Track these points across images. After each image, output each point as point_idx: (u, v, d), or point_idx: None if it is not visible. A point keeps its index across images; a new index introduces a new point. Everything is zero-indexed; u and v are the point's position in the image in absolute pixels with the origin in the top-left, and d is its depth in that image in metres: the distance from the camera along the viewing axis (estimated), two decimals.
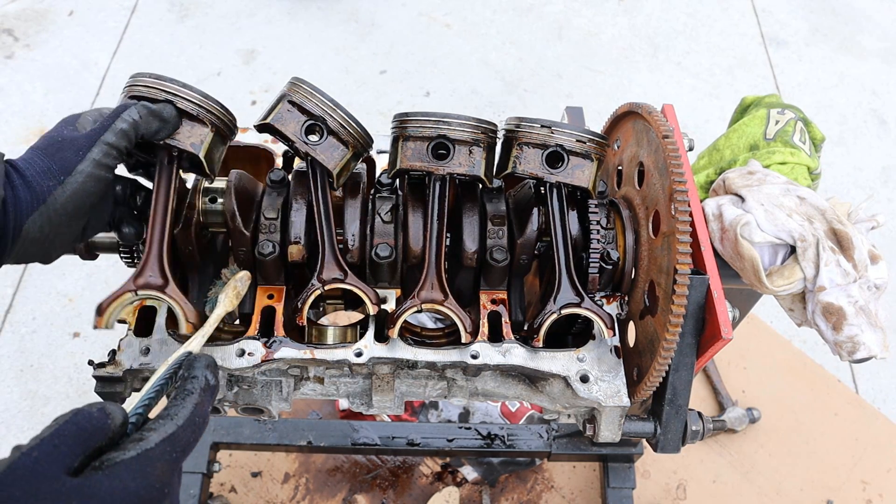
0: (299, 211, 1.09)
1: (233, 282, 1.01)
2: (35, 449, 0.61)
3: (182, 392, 0.74)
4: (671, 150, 1.01)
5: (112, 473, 0.62)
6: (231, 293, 0.99)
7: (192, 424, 0.71)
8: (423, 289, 1.04)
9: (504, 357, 1.06)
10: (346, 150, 1.05)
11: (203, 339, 0.90)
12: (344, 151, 1.05)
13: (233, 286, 1.00)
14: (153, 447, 0.66)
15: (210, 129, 1.01)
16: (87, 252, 1.19)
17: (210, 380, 0.78)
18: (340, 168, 1.05)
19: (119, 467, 0.63)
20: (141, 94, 0.99)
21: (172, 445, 0.68)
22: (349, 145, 1.05)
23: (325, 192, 1.07)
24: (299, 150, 1.04)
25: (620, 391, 1.06)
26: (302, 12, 3.71)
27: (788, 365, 2.40)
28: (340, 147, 1.05)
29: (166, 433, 0.68)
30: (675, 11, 3.85)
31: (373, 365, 1.08)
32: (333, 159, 1.05)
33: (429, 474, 2.15)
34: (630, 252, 1.12)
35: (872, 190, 3.16)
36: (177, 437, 0.69)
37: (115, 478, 0.62)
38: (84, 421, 0.64)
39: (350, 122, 1.04)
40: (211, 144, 1.01)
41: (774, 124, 1.37)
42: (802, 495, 2.16)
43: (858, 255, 1.10)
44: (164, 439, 0.67)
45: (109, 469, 0.63)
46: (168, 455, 0.67)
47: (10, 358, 2.49)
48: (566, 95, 3.45)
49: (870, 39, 3.76)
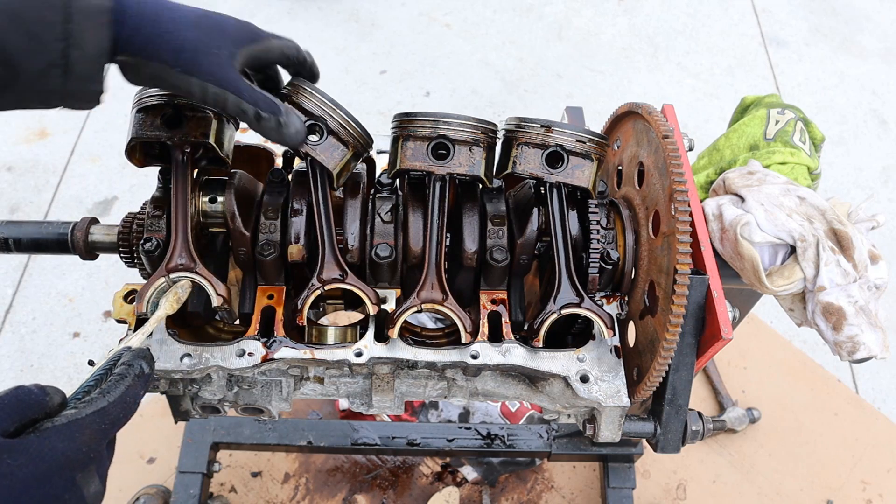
0: (299, 211, 1.09)
1: (174, 288, 1.04)
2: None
3: (117, 376, 0.81)
4: (671, 150, 1.01)
5: (43, 436, 0.69)
6: (172, 298, 1.03)
7: (123, 402, 0.78)
8: (423, 289, 1.04)
9: (504, 357, 1.06)
10: (346, 150, 1.05)
11: (143, 337, 0.94)
12: (344, 151, 1.05)
13: (174, 292, 1.04)
14: (83, 417, 0.73)
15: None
16: (87, 252, 1.19)
17: (144, 368, 0.84)
18: (340, 168, 1.06)
19: (50, 431, 0.70)
20: None
21: (102, 417, 0.74)
22: (349, 145, 1.05)
23: (325, 192, 1.07)
24: (299, 151, 1.05)
25: (620, 391, 1.06)
26: (302, 12, 3.71)
27: (788, 365, 2.40)
28: (340, 147, 1.05)
29: (97, 407, 0.75)
30: (675, 11, 3.85)
31: (373, 365, 1.08)
32: (333, 159, 1.05)
33: (429, 474, 2.15)
34: (630, 252, 1.12)
35: (872, 190, 3.16)
36: (107, 411, 0.75)
37: (46, 439, 0.69)
38: (23, 394, 0.71)
39: (350, 122, 1.04)
40: (218, 129, 1.07)
41: (774, 124, 1.37)
42: (802, 495, 2.16)
43: (858, 255, 1.10)
44: (95, 412, 0.74)
45: (41, 432, 0.69)
46: (97, 425, 0.74)
47: (10, 358, 2.49)
48: (566, 95, 3.45)
49: (870, 39, 3.76)
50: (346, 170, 1.07)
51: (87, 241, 1.18)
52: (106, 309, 2.61)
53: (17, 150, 3.05)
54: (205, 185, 1.13)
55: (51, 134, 3.11)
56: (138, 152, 1.09)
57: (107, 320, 2.59)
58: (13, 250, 1.20)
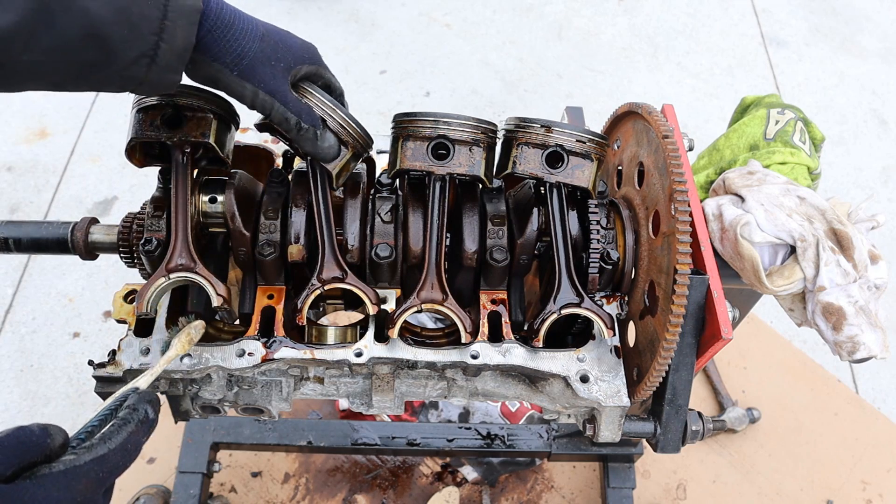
0: (299, 211, 1.09)
1: (188, 328, 1.04)
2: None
3: (120, 421, 0.80)
4: (671, 150, 1.01)
5: (39, 483, 0.68)
6: (184, 338, 1.03)
7: (124, 450, 0.77)
8: (423, 289, 1.04)
9: (504, 357, 1.06)
10: (345, 151, 1.05)
11: (151, 378, 0.93)
12: (344, 152, 1.05)
13: (187, 332, 1.04)
14: (82, 464, 0.71)
15: None
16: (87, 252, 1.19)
17: (150, 414, 0.84)
18: (340, 168, 1.06)
19: (47, 478, 0.68)
20: None
21: (101, 465, 0.73)
22: (349, 145, 1.05)
23: (325, 192, 1.07)
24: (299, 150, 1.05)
25: (620, 391, 1.06)
26: (302, 12, 3.71)
27: (788, 365, 2.40)
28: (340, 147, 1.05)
29: (97, 454, 0.73)
30: (675, 11, 3.85)
31: (373, 365, 1.08)
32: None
33: (429, 474, 2.15)
34: (630, 252, 1.12)
35: (872, 190, 3.16)
36: (106, 458, 0.74)
37: (41, 487, 0.68)
38: (24, 436, 0.70)
39: (350, 123, 1.04)
40: (218, 129, 1.08)
41: (774, 124, 1.37)
42: (802, 495, 2.16)
43: (858, 255, 1.10)
44: (94, 459, 0.73)
45: (38, 479, 0.68)
46: (95, 473, 0.72)
47: (10, 358, 2.49)
48: (566, 95, 3.45)
49: (870, 39, 3.76)
50: (345, 170, 1.07)
51: (87, 241, 1.18)
52: (106, 309, 2.61)
53: (17, 150, 3.05)
54: (205, 185, 1.13)
55: (51, 134, 3.11)
56: (138, 152, 1.09)
57: (107, 320, 2.59)
58: (13, 250, 1.20)
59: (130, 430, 0.80)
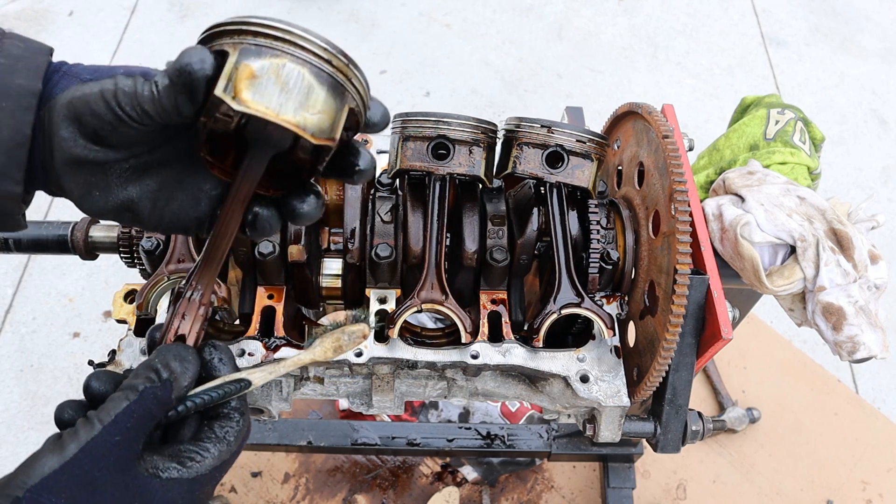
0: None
1: (340, 331, 0.84)
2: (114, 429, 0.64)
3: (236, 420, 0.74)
4: (671, 150, 1.01)
5: (167, 486, 0.67)
6: (330, 343, 0.84)
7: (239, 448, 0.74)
8: (423, 289, 1.04)
9: (504, 357, 1.06)
10: None
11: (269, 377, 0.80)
12: None
13: (337, 336, 0.84)
14: (206, 473, 0.70)
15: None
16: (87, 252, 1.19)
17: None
18: None
19: (174, 484, 0.67)
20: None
21: (221, 471, 0.72)
22: None
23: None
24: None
25: (620, 391, 1.06)
26: (302, 12, 3.71)
27: (788, 365, 2.40)
28: None
29: (220, 460, 0.71)
30: (675, 11, 3.85)
31: (373, 365, 1.08)
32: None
33: (429, 474, 2.15)
34: (630, 252, 1.12)
35: (872, 190, 3.16)
36: (227, 463, 0.73)
37: (169, 491, 0.67)
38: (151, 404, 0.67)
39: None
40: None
41: (774, 124, 1.37)
42: (802, 495, 2.16)
43: (858, 255, 1.10)
44: (217, 467, 0.71)
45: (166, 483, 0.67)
46: (215, 479, 0.72)
47: (10, 358, 2.49)
48: (566, 95, 3.45)
49: (870, 39, 3.76)
50: None
51: (87, 241, 1.18)
52: (106, 309, 2.61)
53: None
54: None
55: None
56: None
57: (107, 320, 2.59)
58: (13, 250, 1.20)
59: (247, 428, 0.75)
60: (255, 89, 0.64)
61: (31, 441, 2.31)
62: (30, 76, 0.67)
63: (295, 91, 0.66)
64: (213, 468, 0.70)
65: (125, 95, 0.66)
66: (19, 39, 0.70)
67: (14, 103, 0.66)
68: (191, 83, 0.64)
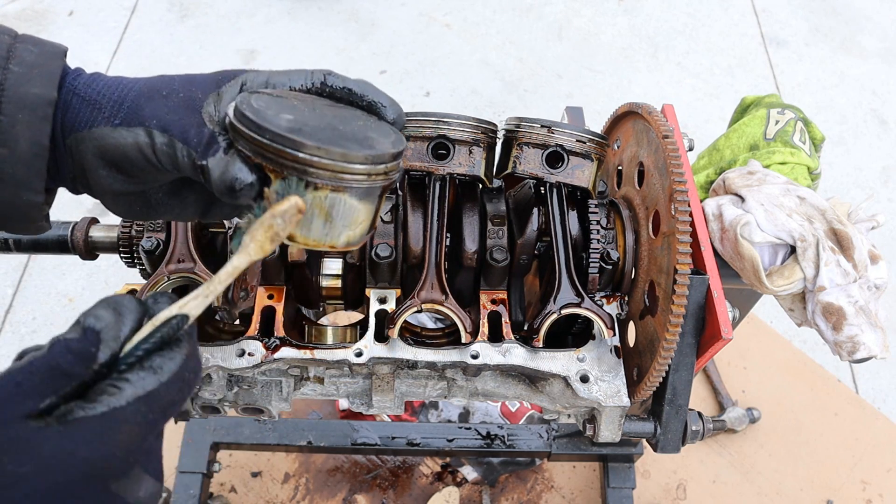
0: None
1: (269, 216, 0.65)
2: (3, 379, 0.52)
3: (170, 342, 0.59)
4: (671, 150, 1.01)
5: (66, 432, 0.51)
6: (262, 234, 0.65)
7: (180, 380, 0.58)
8: (423, 289, 1.04)
9: (504, 357, 1.06)
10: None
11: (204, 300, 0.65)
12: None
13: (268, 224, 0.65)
14: (124, 405, 0.54)
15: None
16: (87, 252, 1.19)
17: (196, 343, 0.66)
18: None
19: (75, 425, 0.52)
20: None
21: (149, 405, 0.55)
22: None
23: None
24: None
25: (620, 391, 1.06)
26: (302, 12, 3.71)
27: (788, 365, 2.40)
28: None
29: (144, 389, 0.55)
30: (675, 11, 3.85)
31: (373, 365, 1.08)
32: None
33: (429, 474, 2.15)
34: (630, 252, 1.12)
35: (872, 190, 3.16)
36: (157, 394, 0.56)
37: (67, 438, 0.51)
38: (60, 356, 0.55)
39: None
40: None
41: (774, 124, 1.37)
42: (802, 495, 2.16)
43: (858, 255, 1.10)
44: (140, 397, 0.55)
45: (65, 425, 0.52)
46: (142, 416, 0.55)
47: (10, 358, 2.48)
48: (566, 95, 3.45)
49: (870, 39, 3.76)
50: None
51: (87, 241, 1.18)
52: None
53: None
54: None
55: None
56: None
57: None
58: (13, 250, 1.20)
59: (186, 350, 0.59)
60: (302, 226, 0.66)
61: None
62: (45, 84, 0.66)
63: (338, 219, 0.68)
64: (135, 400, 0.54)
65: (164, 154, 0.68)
66: (32, 43, 0.68)
67: (31, 114, 0.65)
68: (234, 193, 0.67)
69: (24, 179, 0.66)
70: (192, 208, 0.78)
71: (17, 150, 0.65)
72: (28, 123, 0.65)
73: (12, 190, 0.66)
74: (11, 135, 0.64)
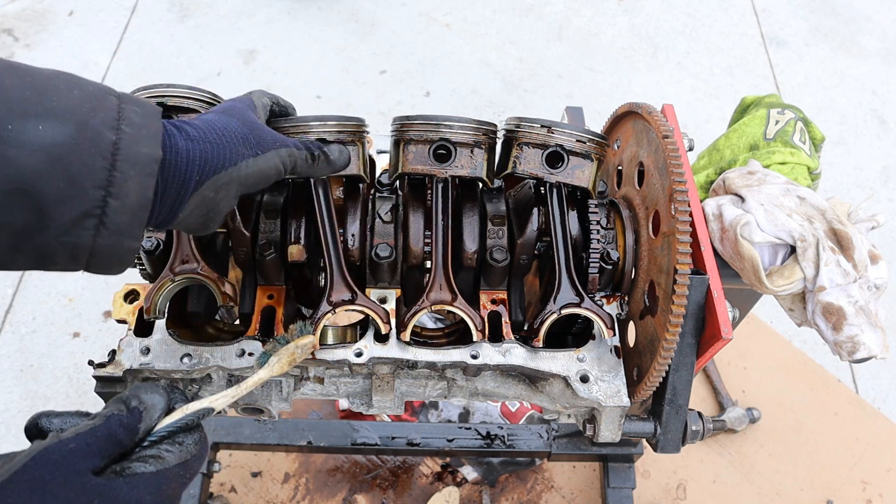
0: (299, 211, 1.09)
1: (293, 346, 0.92)
2: (72, 441, 0.67)
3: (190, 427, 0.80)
4: (671, 150, 1.01)
5: (132, 483, 0.69)
6: (286, 358, 0.91)
7: (200, 457, 0.78)
8: (433, 290, 1.05)
9: (504, 357, 1.06)
10: (354, 147, 1.05)
11: (230, 400, 0.86)
12: (352, 149, 1.05)
13: (291, 351, 0.92)
14: (170, 468, 0.73)
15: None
16: None
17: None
18: (362, 163, 1.07)
19: (139, 479, 0.69)
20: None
21: (185, 470, 0.75)
22: (354, 141, 1.05)
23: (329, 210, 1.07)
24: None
25: (620, 391, 1.06)
26: (302, 12, 3.71)
27: (788, 365, 2.40)
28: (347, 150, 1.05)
29: (182, 458, 0.75)
30: (675, 11, 3.85)
31: (373, 365, 1.08)
32: None
33: (429, 474, 2.15)
34: (630, 252, 1.12)
35: (872, 190, 3.16)
36: (189, 464, 0.76)
37: (134, 487, 0.68)
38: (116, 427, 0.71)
39: (342, 122, 1.04)
40: None
41: (774, 124, 1.37)
42: (802, 495, 2.16)
43: (858, 255, 1.10)
44: (180, 464, 0.74)
45: (130, 478, 0.69)
46: (180, 477, 0.74)
47: (10, 358, 2.49)
48: (566, 95, 3.45)
49: (870, 39, 3.76)
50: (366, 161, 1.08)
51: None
52: (106, 309, 2.61)
53: None
54: None
55: None
56: None
57: (107, 320, 2.59)
58: None
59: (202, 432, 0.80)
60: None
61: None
62: (151, 144, 0.75)
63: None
64: (177, 464, 0.74)
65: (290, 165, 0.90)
66: (135, 104, 0.76)
67: (140, 171, 0.73)
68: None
69: (128, 228, 0.74)
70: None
71: (126, 203, 0.73)
72: (138, 179, 0.73)
73: (116, 237, 0.74)
74: (123, 189, 0.72)
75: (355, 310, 1.05)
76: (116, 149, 0.72)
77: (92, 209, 0.71)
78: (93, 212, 0.71)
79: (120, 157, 0.72)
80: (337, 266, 1.05)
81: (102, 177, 0.71)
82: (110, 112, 0.73)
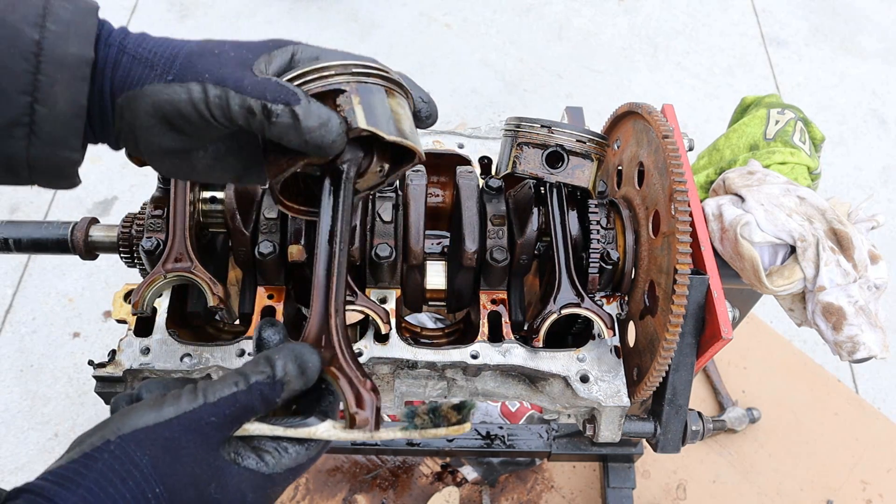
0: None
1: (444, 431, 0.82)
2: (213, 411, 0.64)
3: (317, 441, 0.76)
4: (671, 150, 1.01)
5: (242, 476, 0.66)
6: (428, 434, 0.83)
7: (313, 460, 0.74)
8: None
9: (504, 357, 1.06)
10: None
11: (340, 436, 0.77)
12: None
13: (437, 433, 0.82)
14: (281, 472, 0.69)
15: None
16: (87, 252, 1.19)
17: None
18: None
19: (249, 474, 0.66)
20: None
21: (293, 475, 0.71)
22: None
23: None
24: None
25: (620, 391, 1.06)
26: (302, 12, 3.71)
27: (788, 365, 2.40)
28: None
29: (297, 462, 0.70)
30: (675, 11, 3.85)
31: (373, 365, 1.08)
32: None
33: (429, 474, 2.15)
34: (630, 252, 1.12)
35: (872, 190, 3.16)
36: (301, 468, 0.72)
37: (243, 481, 0.66)
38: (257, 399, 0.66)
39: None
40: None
41: (774, 124, 1.37)
42: (802, 495, 2.16)
43: (858, 255, 1.10)
44: (291, 469, 0.70)
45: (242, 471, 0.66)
46: (287, 481, 0.71)
47: (10, 358, 2.49)
48: (566, 95, 3.45)
49: (870, 39, 3.76)
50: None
51: (87, 241, 1.18)
52: (106, 309, 2.61)
53: None
54: (205, 185, 1.13)
55: None
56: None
57: (107, 320, 2.59)
58: (13, 250, 1.20)
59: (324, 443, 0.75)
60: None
61: (30, 441, 2.30)
62: (82, 44, 0.67)
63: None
64: (288, 469, 0.70)
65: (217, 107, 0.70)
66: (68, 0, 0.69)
67: (70, 74, 0.66)
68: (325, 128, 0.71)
69: (62, 138, 0.68)
70: (230, 172, 0.81)
71: (55, 110, 0.66)
72: (67, 83, 0.66)
73: (50, 148, 0.68)
74: (51, 95, 0.65)
75: (355, 310, 1.05)
76: (40, 49, 0.65)
77: (19, 117, 0.65)
78: (20, 120, 0.65)
79: (44, 58, 0.65)
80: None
81: (26, 80, 0.64)
82: (33, 8, 0.65)
